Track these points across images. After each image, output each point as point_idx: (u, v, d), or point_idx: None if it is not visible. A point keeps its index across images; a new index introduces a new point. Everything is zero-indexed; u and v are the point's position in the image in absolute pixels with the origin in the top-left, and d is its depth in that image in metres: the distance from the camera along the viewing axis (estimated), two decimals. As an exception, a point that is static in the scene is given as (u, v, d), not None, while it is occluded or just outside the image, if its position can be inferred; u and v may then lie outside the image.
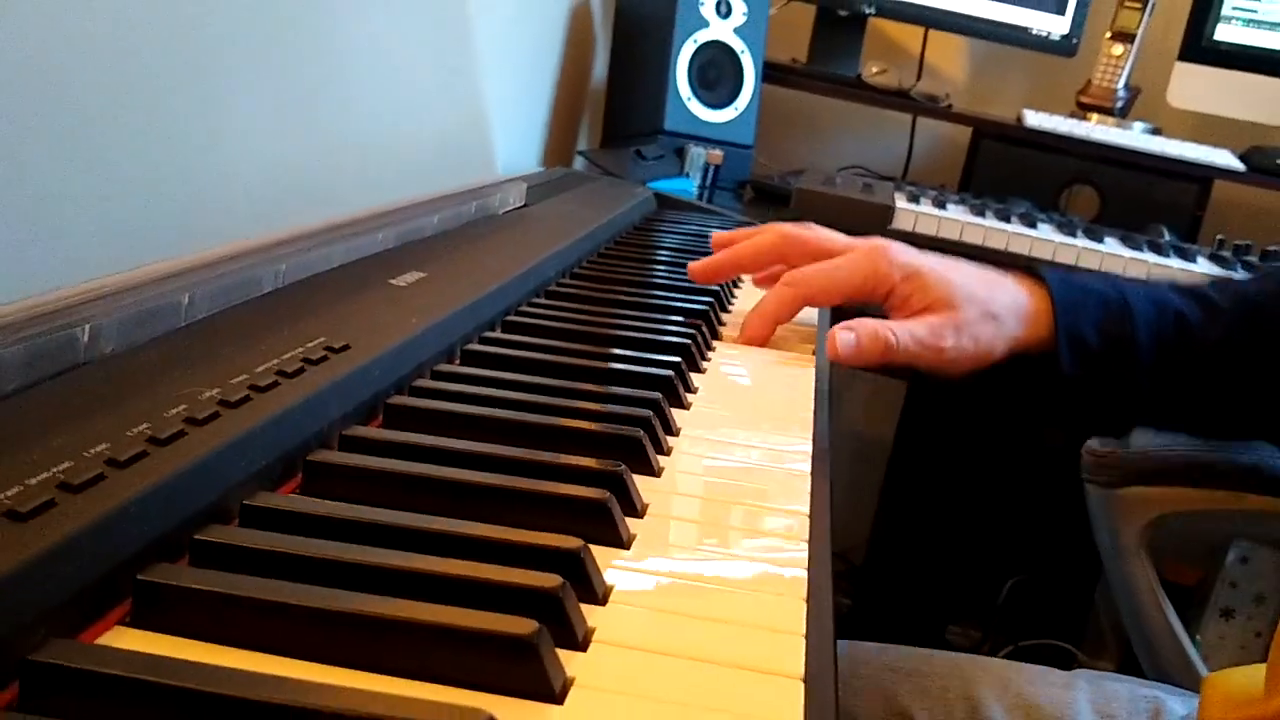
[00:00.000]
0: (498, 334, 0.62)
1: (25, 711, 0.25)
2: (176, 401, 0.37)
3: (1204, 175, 1.69)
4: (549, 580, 0.32)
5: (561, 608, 0.32)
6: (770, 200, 1.61)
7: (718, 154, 1.62)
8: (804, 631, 0.35)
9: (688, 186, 1.55)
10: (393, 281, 0.59)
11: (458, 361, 0.56)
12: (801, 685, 0.32)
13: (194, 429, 0.35)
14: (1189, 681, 0.83)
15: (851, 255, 0.74)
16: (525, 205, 0.94)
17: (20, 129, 0.42)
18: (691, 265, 0.78)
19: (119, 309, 0.42)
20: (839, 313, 0.77)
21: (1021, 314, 0.73)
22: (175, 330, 0.45)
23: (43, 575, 0.27)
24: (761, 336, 0.73)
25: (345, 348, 0.46)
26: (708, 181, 1.60)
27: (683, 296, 0.76)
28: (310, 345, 0.45)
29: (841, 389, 2.02)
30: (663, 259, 0.90)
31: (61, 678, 0.26)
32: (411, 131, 0.81)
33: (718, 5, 1.64)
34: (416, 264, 0.64)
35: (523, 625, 0.29)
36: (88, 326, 0.39)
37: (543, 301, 0.71)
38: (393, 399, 0.48)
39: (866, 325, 0.71)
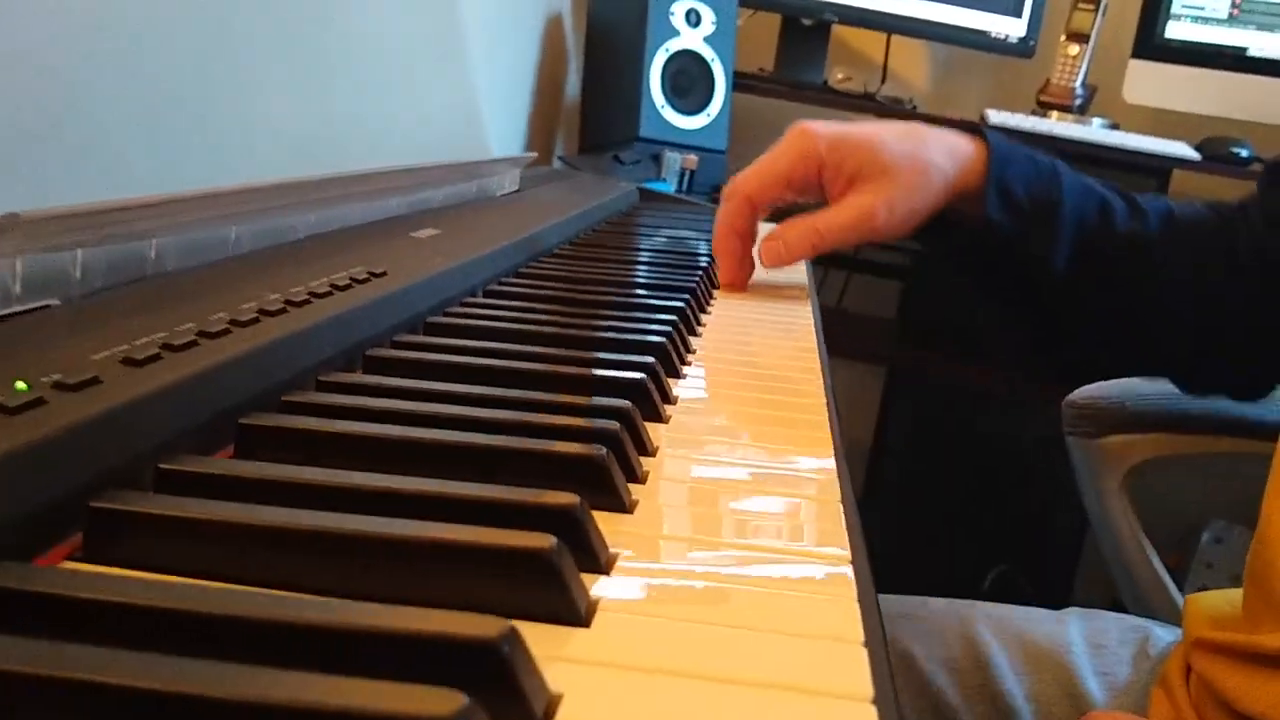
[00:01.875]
0: (506, 283, 0.65)
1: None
2: (249, 299, 0.40)
3: (1162, 166, 1.75)
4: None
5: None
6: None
7: (693, 159, 1.66)
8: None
9: (665, 189, 1.59)
10: (413, 234, 0.62)
11: (482, 295, 0.60)
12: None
13: (267, 319, 0.38)
14: (1173, 617, 0.87)
15: (777, 145, 0.78)
16: (519, 190, 0.97)
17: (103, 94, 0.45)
18: (722, 281, 0.81)
19: (177, 233, 0.45)
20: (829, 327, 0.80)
21: (958, 157, 0.77)
22: (226, 259, 0.48)
23: (183, 394, 0.30)
24: (737, 267, 0.77)
25: (384, 273, 0.49)
26: (684, 185, 1.64)
27: (684, 257, 0.80)
28: (353, 271, 0.48)
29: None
30: (655, 235, 0.94)
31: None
32: (412, 116, 0.84)
33: (687, 14, 1.69)
34: (430, 225, 0.67)
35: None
36: (154, 243, 0.42)
37: (549, 260, 0.74)
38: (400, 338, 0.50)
39: (791, 225, 0.75)
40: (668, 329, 0.53)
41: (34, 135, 0.40)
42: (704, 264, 0.79)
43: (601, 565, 0.29)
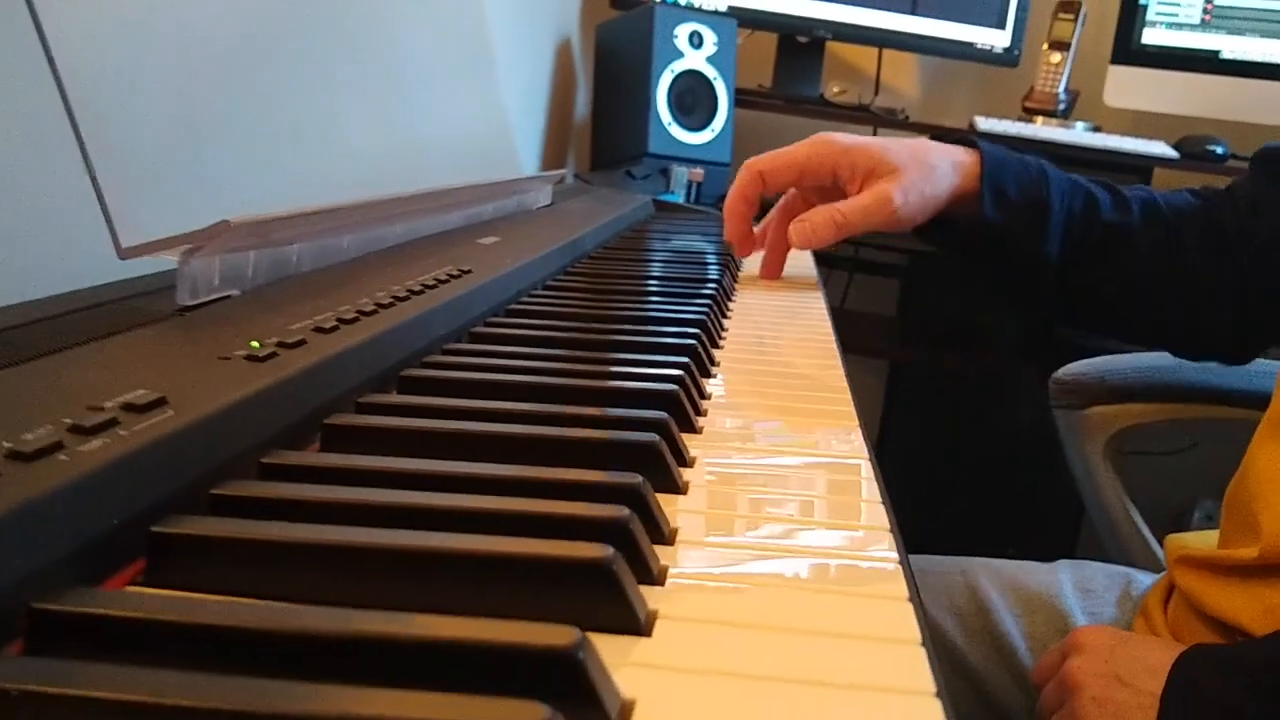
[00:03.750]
0: (562, 278, 0.76)
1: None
2: (370, 292, 0.50)
3: (1144, 165, 1.85)
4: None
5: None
6: (750, 210, 1.75)
7: (699, 172, 1.76)
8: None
9: (676, 200, 1.69)
10: (479, 241, 0.73)
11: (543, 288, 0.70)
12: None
13: (399, 302, 0.48)
14: (1153, 566, 0.97)
15: (799, 143, 0.89)
16: (552, 204, 1.07)
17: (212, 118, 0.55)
18: (726, 236, 0.93)
19: (309, 241, 0.55)
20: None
21: (956, 165, 0.87)
22: (343, 261, 0.58)
23: (365, 351, 0.40)
24: (741, 226, 0.88)
25: (469, 271, 0.59)
26: (692, 197, 1.74)
27: (709, 255, 0.91)
28: (446, 269, 0.58)
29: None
30: (675, 239, 1.04)
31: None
32: (458, 138, 0.94)
33: (690, 37, 1.79)
34: (490, 233, 0.77)
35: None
36: (296, 249, 0.53)
37: (589, 262, 0.84)
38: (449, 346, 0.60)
39: (817, 211, 0.85)
40: (702, 313, 0.63)
41: (180, 158, 0.50)
42: (724, 262, 0.89)
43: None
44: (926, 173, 0.86)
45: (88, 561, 0.26)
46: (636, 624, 0.27)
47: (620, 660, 0.25)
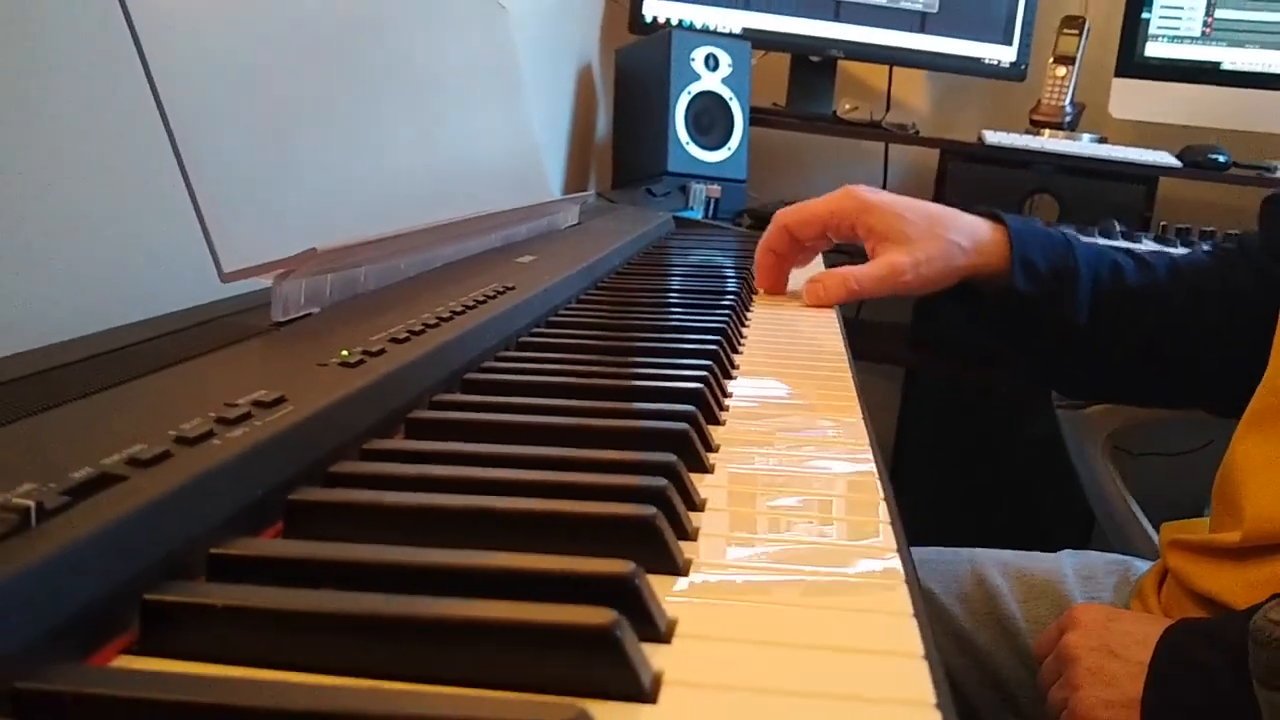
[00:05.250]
0: (594, 291, 0.83)
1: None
2: (431, 308, 0.57)
3: (1148, 174, 1.91)
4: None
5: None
6: (765, 225, 1.82)
7: (716, 189, 1.83)
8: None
9: (695, 216, 1.76)
10: (518, 260, 0.80)
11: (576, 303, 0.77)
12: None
13: (458, 316, 0.55)
14: (1150, 554, 1.03)
15: (826, 196, 0.94)
16: (579, 223, 1.14)
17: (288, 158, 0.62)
18: (757, 285, 0.98)
19: (372, 264, 0.62)
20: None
21: (978, 239, 0.91)
22: (398, 281, 0.65)
23: (439, 354, 0.47)
24: (769, 277, 0.94)
25: (513, 287, 0.66)
26: (709, 213, 1.81)
27: (728, 268, 0.97)
28: (490, 287, 0.65)
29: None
30: (695, 253, 1.11)
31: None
32: (493, 162, 1.02)
33: (706, 59, 1.86)
34: (527, 252, 0.84)
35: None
36: (363, 271, 0.60)
37: (618, 276, 0.91)
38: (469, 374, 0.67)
39: (831, 274, 0.91)
40: (723, 322, 0.70)
41: (265, 190, 0.57)
42: (742, 276, 0.96)
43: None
44: (942, 247, 0.89)
45: (245, 522, 0.33)
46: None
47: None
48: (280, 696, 0.23)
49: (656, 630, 0.29)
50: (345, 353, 0.45)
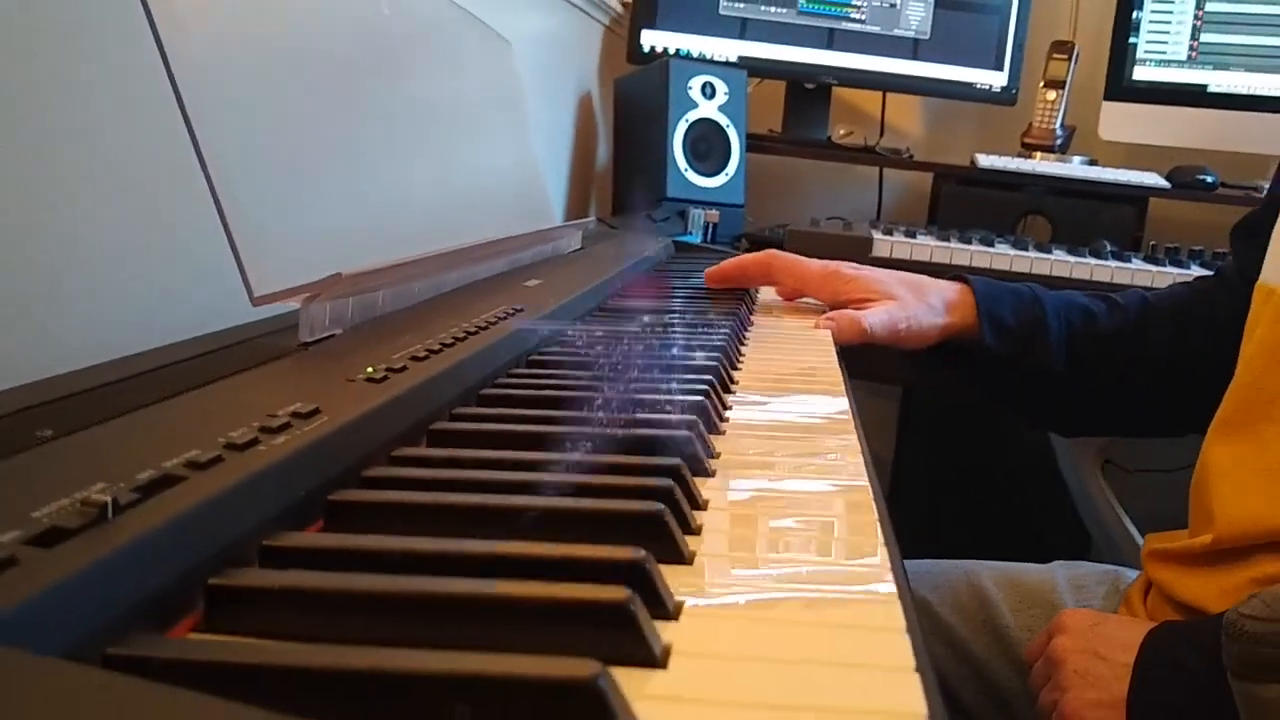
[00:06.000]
0: (598, 313, 0.86)
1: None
2: (446, 328, 0.60)
3: (1138, 195, 1.94)
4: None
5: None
6: (763, 248, 1.86)
7: (714, 214, 1.86)
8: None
9: (693, 241, 1.79)
10: (525, 284, 0.83)
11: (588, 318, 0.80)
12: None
13: (469, 337, 0.59)
14: (1139, 565, 1.06)
15: (818, 265, 0.99)
16: (582, 248, 1.18)
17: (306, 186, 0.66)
18: (708, 270, 1.03)
19: (389, 288, 0.65)
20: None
21: (949, 302, 0.96)
22: (413, 304, 0.69)
23: (460, 369, 0.50)
24: (722, 281, 1.00)
25: (522, 309, 0.70)
26: (708, 237, 1.85)
27: (726, 290, 1.01)
28: (500, 309, 0.69)
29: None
30: (695, 275, 1.14)
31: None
32: (501, 190, 1.05)
33: (703, 88, 1.90)
34: (533, 276, 0.87)
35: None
36: (381, 294, 0.63)
37: (621, 297, 0.95)
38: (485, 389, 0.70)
39: (845, 313, 0.94)
40: (722, 341, 0.74)
41: (292, 218, 0.60)
42: (740, 296, 0.99)
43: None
44: (924, 307, 0.95)
45: (289, 520, 0.36)
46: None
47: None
48: (341, 658, 0.26)
49: (665, 609, 0.33)
50: (370, 369, 0.48)
